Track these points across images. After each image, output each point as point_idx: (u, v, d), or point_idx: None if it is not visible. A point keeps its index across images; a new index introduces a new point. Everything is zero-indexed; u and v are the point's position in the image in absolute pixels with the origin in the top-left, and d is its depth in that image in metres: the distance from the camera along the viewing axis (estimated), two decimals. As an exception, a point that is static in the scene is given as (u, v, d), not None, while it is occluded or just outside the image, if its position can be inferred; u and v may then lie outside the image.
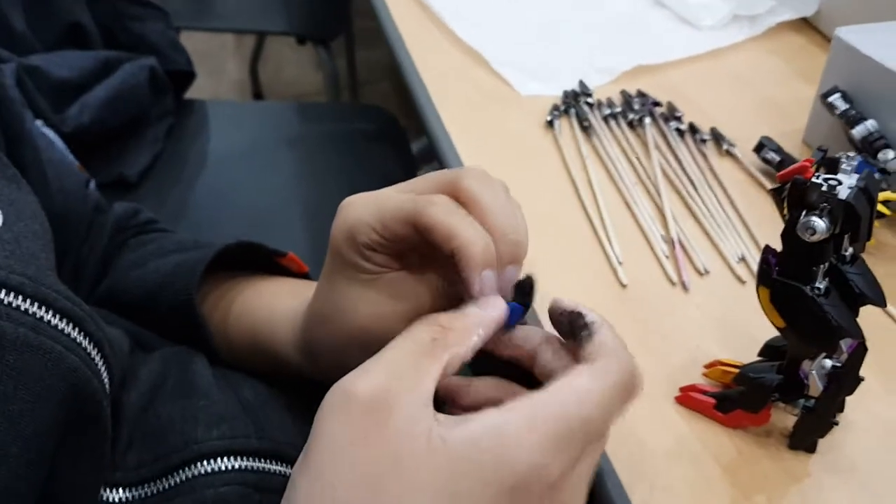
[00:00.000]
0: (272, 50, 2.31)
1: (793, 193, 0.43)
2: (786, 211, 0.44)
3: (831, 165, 0.45)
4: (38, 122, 1.03)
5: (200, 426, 0.47)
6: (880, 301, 0.44)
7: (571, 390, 0.34)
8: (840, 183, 0.42)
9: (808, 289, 0.43)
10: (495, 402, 0.33)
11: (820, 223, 0.42)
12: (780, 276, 0.44)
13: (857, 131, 0.65)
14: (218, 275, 0.59)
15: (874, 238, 0.63)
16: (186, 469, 0.45)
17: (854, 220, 0.42)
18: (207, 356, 0.54)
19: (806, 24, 0.92)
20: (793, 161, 0.70)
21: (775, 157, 0.70)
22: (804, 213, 0.42)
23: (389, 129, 1.31)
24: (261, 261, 0.60)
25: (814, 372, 0.46)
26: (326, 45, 1.64)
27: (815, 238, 0.42)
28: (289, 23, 1.66)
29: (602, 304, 0.59)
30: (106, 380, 0.43)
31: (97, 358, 0.42)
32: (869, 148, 0.64)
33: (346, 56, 1.95)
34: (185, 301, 0.54)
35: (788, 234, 0.44)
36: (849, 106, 0.67)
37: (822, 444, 0.49)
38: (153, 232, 0.67)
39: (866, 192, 0.42)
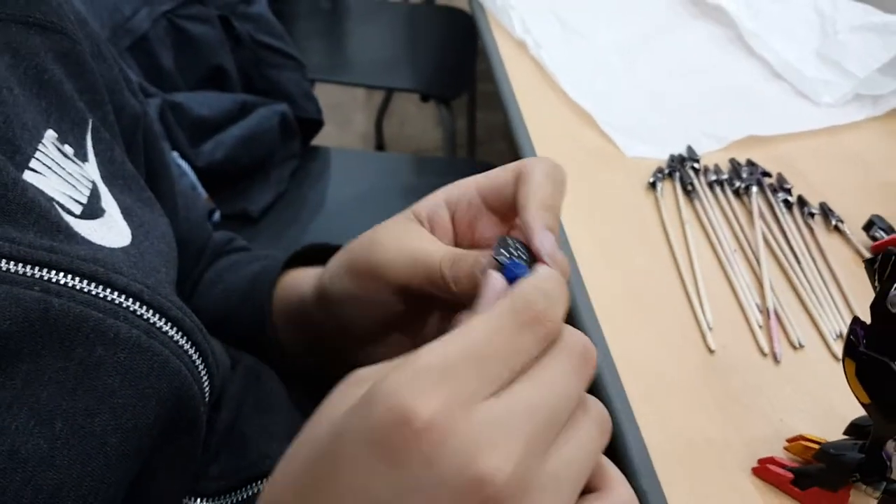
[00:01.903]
0: (398, 106, 2.40)
1: (884, 264, 0.42)
2: (877, 282, 0.43)
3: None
4: (175, 154, 1.12)
5: (275, 442, 0.50)
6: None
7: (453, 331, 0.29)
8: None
9: (895, 364, 0.42)
10: None
11: (911, 296, 0.40)
12: (868, 349, 0.43)
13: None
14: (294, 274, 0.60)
15: None
16: (262, 482, 0.47)
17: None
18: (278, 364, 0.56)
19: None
20: (904, 242, 0.67)
21: (884, 237, 0.68)
22: (895, 286, 0.41)
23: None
24: None
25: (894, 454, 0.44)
26: (448, 105, 1.70)
27: (903, 311, 0.41)
28: (415, 81, 1.73)
29: (687, 369, 0.59)
30: (207, 389, 0.46)
31: (201, 367, 0.45)
32: None
33: (467, 116, 2.01)
34: (258, 321, 0.56)
35: (878, 306, 0.42)
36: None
37: (907, 533, 0.46)
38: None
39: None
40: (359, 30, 1.90)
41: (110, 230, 0.43)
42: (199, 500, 0.47)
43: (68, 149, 0.43)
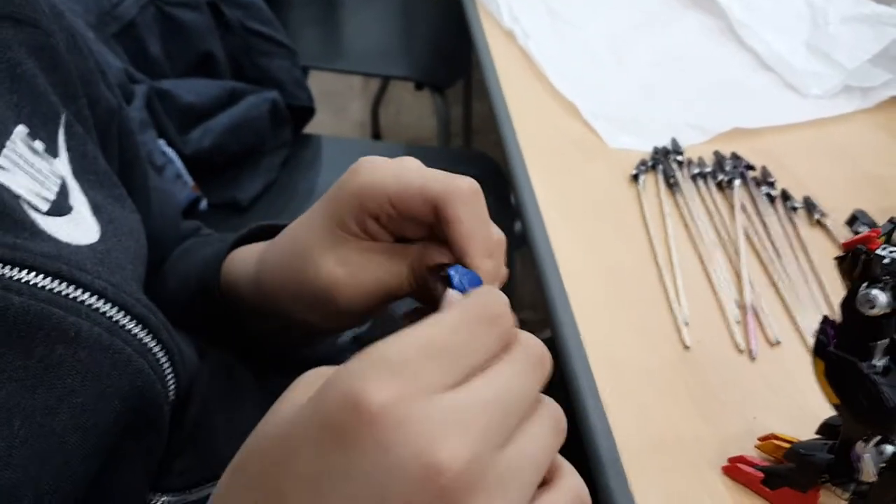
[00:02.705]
0: (394, 94, 2.39)
1: (854, 262, 0.41)
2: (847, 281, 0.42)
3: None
4: (161, 142, 1.11)
5: (243, 438, 0.49)
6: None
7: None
8: (900, 254, 0.40)
9: (864, 365, 0.41)
10: None
11: (881, 297, 0.40)
12: (837, 349, 0.42)
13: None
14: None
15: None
16: None
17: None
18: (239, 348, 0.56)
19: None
20: (887, 237, 0.66)
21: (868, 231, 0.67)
22: (865, 284, 0.40)
23: (492, 176, 1.33)
24: None
25: (867, 455, 0.43)
26: (442, 93, 1.69)
27: (874, 312, 0.40)
28: (409, 69, 1.72)
29: (661, 364, 0.58)
30: (172, 387, 0.45)
31: (166, 365, 0.44)
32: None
33: (463, 105, 1.99)
34: (210, 304, 0.54)
35: (847, 306, 0.42)
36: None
37: (876, 534, 0.45)
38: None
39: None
40: (354, 17, 1.88)
41: (77, 227, 0.42)
42: (163, 495, 0.47)
43: (39, 144, 0.42)
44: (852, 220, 0.69)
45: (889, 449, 0.43)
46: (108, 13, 1.14)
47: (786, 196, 0.73)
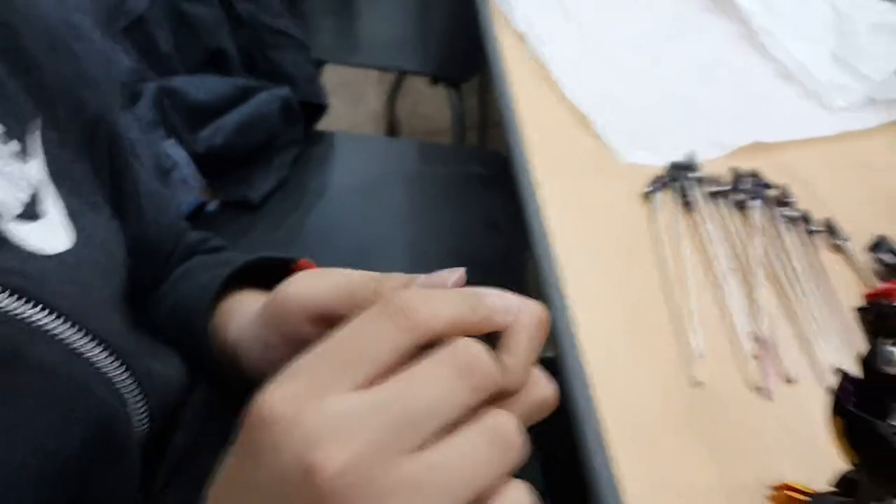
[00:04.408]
0: (411, 85, 2.36)
1: (873, 318, 0.38)
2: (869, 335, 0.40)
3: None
4: (170, 143, 1.10)
5: None
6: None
7: None
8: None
9: (884, 425, 0.39)
10: None
11: (901, 355, 0.37)
12: (856, 407, 0.40)
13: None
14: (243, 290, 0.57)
15: None
16: None
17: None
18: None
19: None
20: (912, 266, 0.64)
21: (891, 260, 0.64)
22: (886, 342, 0.38)
23: (503, 174, 1.31)
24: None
25: (884, 518, 0.41)
26: (458, 88, 1.66)
27: (892, 370, 0.37)
28: (425, 63, 1.69)
29: (671, 400, 0.56)
30: (144, 414, 0.43)
31: (135, 393, 0.43)
32: None
33: (479, 99, 1.96)
34: (196, 342, 0.52)
35: (867, 363, 0.39)
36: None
37: None
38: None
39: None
40: (370, 9, 1.86)
41: (48, 233, 0.41)
42: None
43: (13, 146, 0.41)
44: (875, 246, 0.66)
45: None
46: (117, 7, 1.12)
47: (806, 219, 0.70)
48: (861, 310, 0.40)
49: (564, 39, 0.96)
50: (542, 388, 0.33)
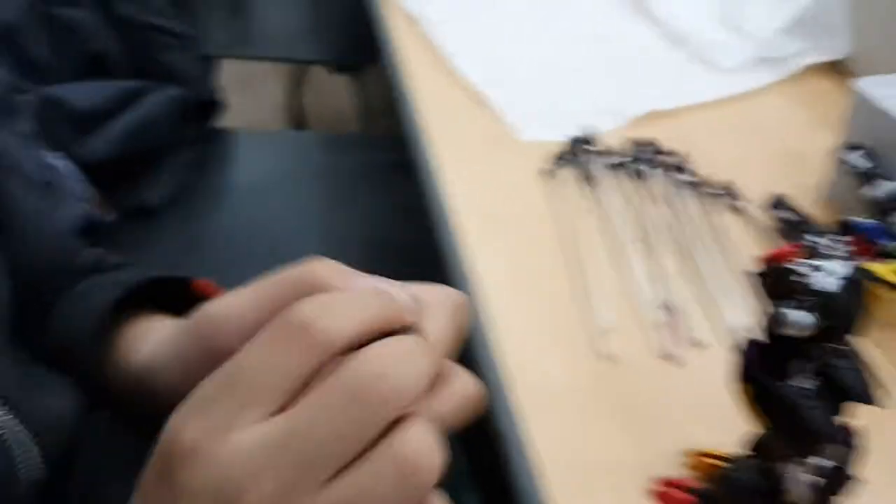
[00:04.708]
0: (317, 75, 2.32)
1: (768, 282, 0.38)
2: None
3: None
4: (57, 154, 1.04)
5: None
6: (867, 399, 0.39)
7: None
8: (819, 270, 0.37)
9: (786, 386, 0.39)
10: None
11: (797, 316, 0.37)
12: (762, 370, 0.40)
13: (867, 192, 0.59)
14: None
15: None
16: None
17: (838, 314, 0.37)
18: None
19: (837, 69, 0.86)
20: (808, 221, 0.65)
21: (792, 217, 0.65)
22: (782, 303, 0.38)
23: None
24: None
25: (794, 477, 0.41)
26: (360, 74, 1.64)
27: (789, 332, 0.37)
28: (324, 51, 1.66)
29: (583, 377, 0.55)
30: (38, 462, 0.40)
31: (20, 435, 0.39)
32: (884, 212, 0.59)
33: (384, 85, 1.94)
34: (86, 369, 0.50)
35: (766, 326, 0.39)
36: (870, 164, 0.62)
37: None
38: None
39: (855, 284, 0.37)
40: (263, 2, 1.80)
41: None
42: None
43: None
44: (775, 205, 0.67)
45: (812, 470, 0.41)
46: (-17, 18, 1.05)
47: (704, 183, 0.71)
48: (757, 274, 0.40)
49: (455, 19, 0.94)
50: (465, 386, 0.32)
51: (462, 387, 0.32)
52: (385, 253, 1.08)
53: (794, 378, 0.39)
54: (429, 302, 0.34)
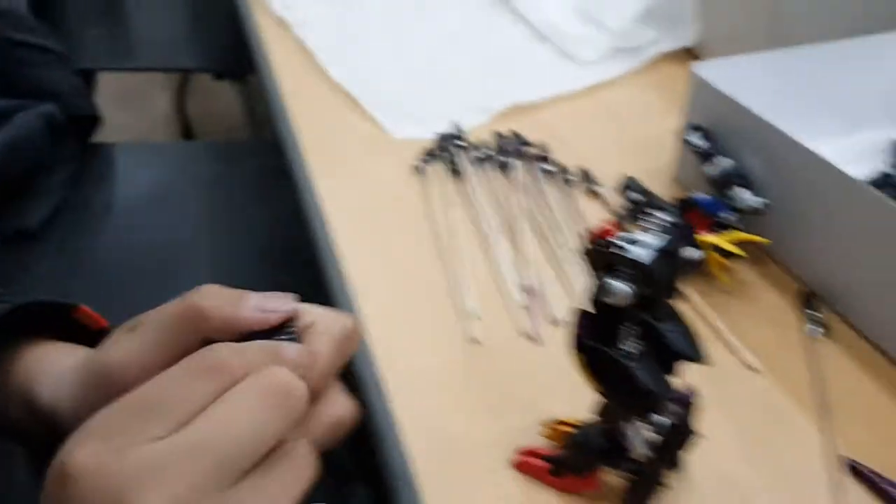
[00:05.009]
0: (201, 83, 2.28)
1: (594, 256, 0.41)
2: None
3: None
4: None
5: None
6: (696, 357, 0.43)
7: None
8: (635, 243, 0.40)
9: (614, 350, 0.42)
10: None
11: (617, 286, 0.40)
12: (591, 338, 0.43)
13: (707, 170, 0.64)
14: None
15: (734, 277, 0.62)
16: None
17: (653, 282, 0.40)
18: None
19: (690, 56, 0.91)
20: (656, 200, 0.69)
21: (640, 198, 0.69)
22: (606, 275, 0.41)
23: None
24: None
25: (634, 436, 0.44)
26: (243, 81, 1.62)
27: (614, 301, 0.40)
28: (204, 59, 1.64)
29: (452, 362, 0.58)
30: None
31: None
32: (721, 187, 0.63)
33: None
34: None
35: (594, 297, 0.42)
36: (708, 144, 0.67)
37: (658, 506, 0.47)
38: None
39: (669, 254, 0.41)
40: (137, 12, 1.77)
41: None
42: None
43: None
44: (626, 188, 0.71)
45: (650, 427, 0.44)
46: None
47: (562, 170, 0.74)
48: (586, 251, 0.43)
49: (322, 21, 0.96)
50: (338, 408, 0.34)
51: (339, 409, 0.34)
52: (275, 260, 1.08)
53: (623, 344, 0.42)
54: (317, 328, 0.35)
